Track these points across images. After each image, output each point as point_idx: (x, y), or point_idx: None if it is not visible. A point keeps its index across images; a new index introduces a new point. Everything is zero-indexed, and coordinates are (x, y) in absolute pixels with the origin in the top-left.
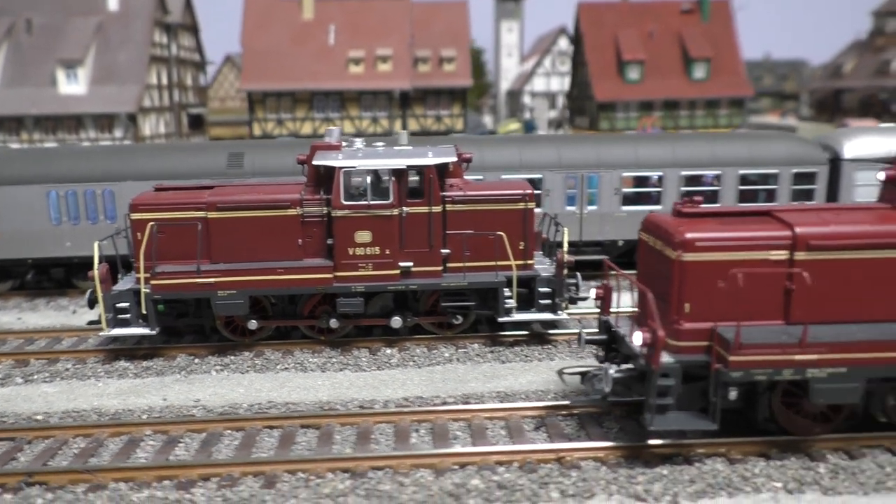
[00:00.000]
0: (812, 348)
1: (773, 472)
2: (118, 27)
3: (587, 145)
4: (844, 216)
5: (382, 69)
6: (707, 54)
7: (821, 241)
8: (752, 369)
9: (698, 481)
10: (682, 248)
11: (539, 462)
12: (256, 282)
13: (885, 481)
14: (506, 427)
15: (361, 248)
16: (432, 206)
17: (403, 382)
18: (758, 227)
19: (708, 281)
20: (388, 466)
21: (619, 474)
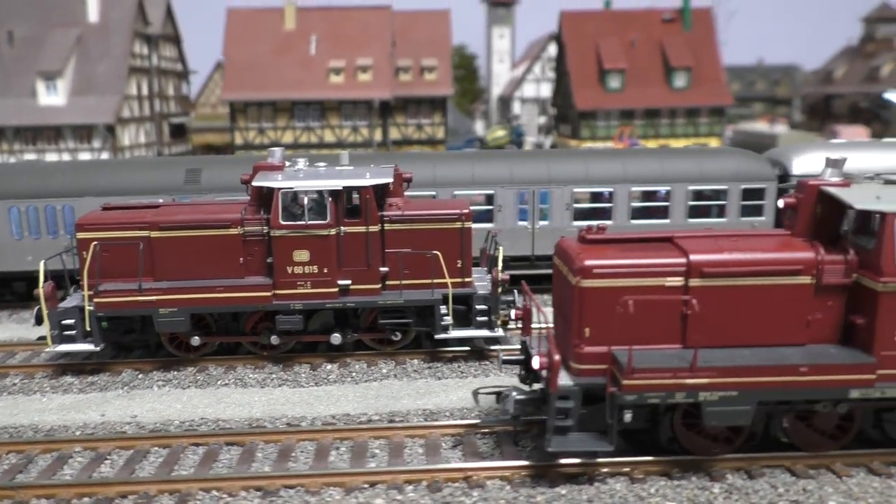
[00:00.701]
0: (702, 372)
1: (669, 491)
2: (98, 39)
3: (538, 161)
4: (742, 243)
5: (363, 79)
6: (688, 63)
7: (713, 268)
8: (645, 392)
9: (595, 501)
10: (581, 274)
11: (447, 481)
12: (197, 300)
13: (777, 501)
14: (424, 445)
15: (300, 266)
16: (369, 225)
17: (338, 399)
18: (656, 253)
19: (606, 306)
20: (300, 485)
21: (519, 494)
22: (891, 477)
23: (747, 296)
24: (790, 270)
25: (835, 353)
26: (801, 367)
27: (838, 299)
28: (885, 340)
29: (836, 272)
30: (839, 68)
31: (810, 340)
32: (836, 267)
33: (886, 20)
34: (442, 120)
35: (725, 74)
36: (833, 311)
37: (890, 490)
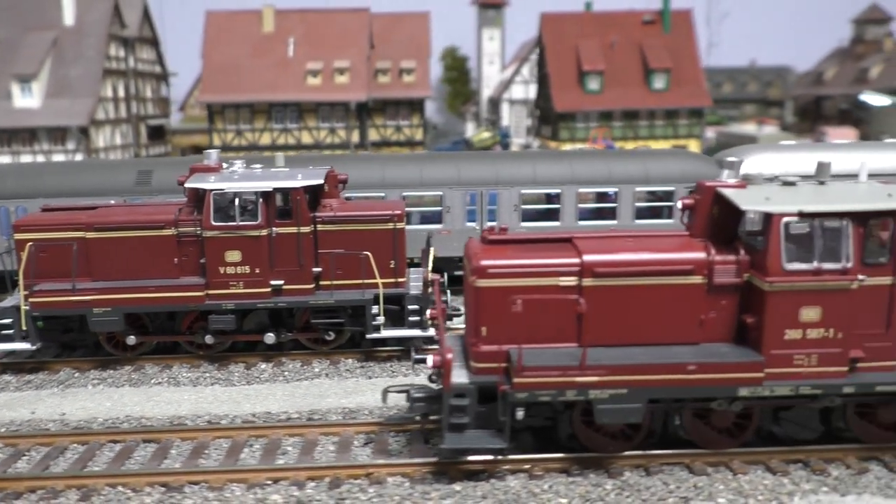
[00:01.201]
0: (592, 370)
1: (562, 488)
2: (73, 42)
3: (487, 163)
4: (639, 244)
5: (340, 81)
6: (667, 65)
7: (605, 268)
8: (536, 390)
9: (489, 497)
10: (477, 274)
11: (349, 478)
12: (130, 299)
13: (667, 498)
14: (337, 443)
15: (232, 267)
16: (301, 226)
17: (266, 397)
18: (551, 254)
19: (502, 305)
20: (204, 481)
21: (415, 490)
22: (786, 475)
23: (641, 295)
24: (681, 270)
25: (725, 352)
26: (689, 365)
27: (731, 299)
28: (773, 339)
29: (726, 272)
30: (829, 70)
31: (705, 339)
32: (727, 267)
33: (876, 22)
34: (420, 121)
35: (717, 76)
36: (726, 310)
37: (781, 487)
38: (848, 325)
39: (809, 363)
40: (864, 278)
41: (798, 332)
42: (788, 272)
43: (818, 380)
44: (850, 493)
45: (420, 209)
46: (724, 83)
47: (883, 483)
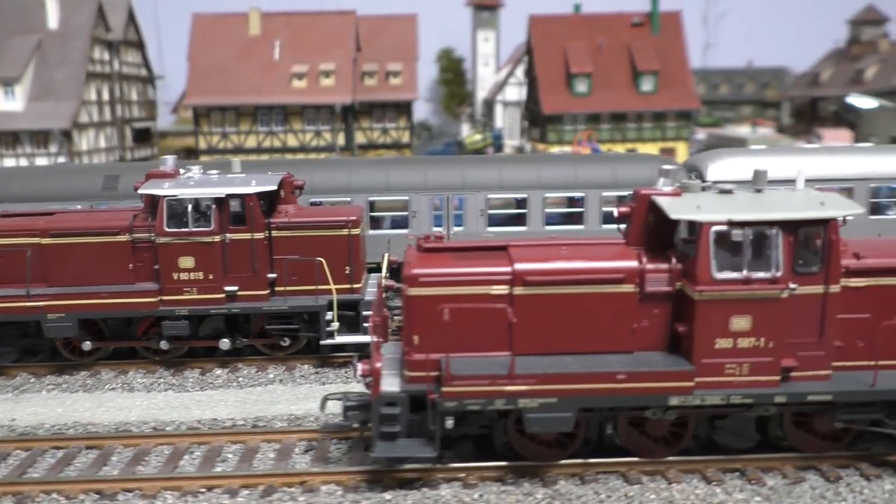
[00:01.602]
0: (521, 379)
1: (493, 497)
2: (57, 45)
3: (454, 167)
4: (573, 252)
5: (325, 84)
6: (654, 67)
7: (535, 276)
8: (464, 399)
9: None
10: (408, 282)
11: (283, 486)
12: (84, 305)
13: None
14: (278, 450)
15: (185, 273)
16: (254, 232)
17: (217, 404)
18: (484, 262)
19: (433, 314)
20: (138, 488)
21: (346, 499)
22: (721, 483)
23: (572, 303)
24: (612, 279)
25: (657, 361)
26: (619, 374)
27: (664, 308)
28: (703, 348)
29: (658, 281)
30: (826, 71)
31: (638, 348)
32: (658, 276)
33: (871, 22)
34: (407, 124)
35: (714, 77)
36: (659, 319)
37: (712, 497)
38: (779, 334)
39: (741, 372)
40: (795, 287)
41: (729, 341)
42: (718, 281)
43: (749, 389)
44: (783, 503)
45: (387, 213)
46: (721, 84)
47: (818, 493)
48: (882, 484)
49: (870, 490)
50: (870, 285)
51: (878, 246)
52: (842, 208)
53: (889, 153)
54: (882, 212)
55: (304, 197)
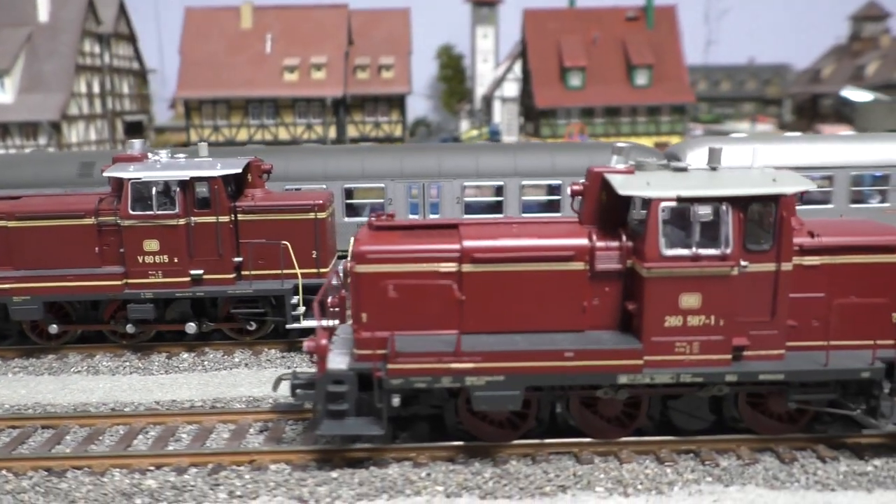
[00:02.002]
0: (467, 357)
1: (441, 476)
2: (47, 38)
3: (429, 155)
4: (524, 230)
5: (316, 77)
6: (649, 61)
7: (483, 254)
8: (410, 377)
9: (366, 484)
10: (356, 259)
11: (232, 464)
12: (49, 288)
13: (544, 486)
14: (232, 430)
15: (150, 256)
16: (219, 215)
17: (180, 386)
18: (433, 240)
19: (381, 291)
20: (88, 466)
21: (292, 477)
22: (674, 464)
23: (522, 281)
24: (562, 256)
25: (606, 339)
26: (567, 352)
27: (615, 286)
28: (653, 326)
29: (608, 258)
30: (827, 67)
31: (590, 326)
32: (609, 253)
33: (873, 18)
34: (400, 118)
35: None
36: (610, 297)
37: (662, 477)
38: (730, 312)
39: (691, 351)
40: (746, 265)
41: (678, 318)
42: (666, 258)
43: (700, 368)
44: (734, 483)
45: (364, 201)
46: (722, 81)
47: (770, 474)
48: (837, 466)
49: (824, 472)
50: (825, 264)
51: (836, 225)
52: (793, 185)
53: (871, 141)
54: (865, 200)
55: (280, 184)
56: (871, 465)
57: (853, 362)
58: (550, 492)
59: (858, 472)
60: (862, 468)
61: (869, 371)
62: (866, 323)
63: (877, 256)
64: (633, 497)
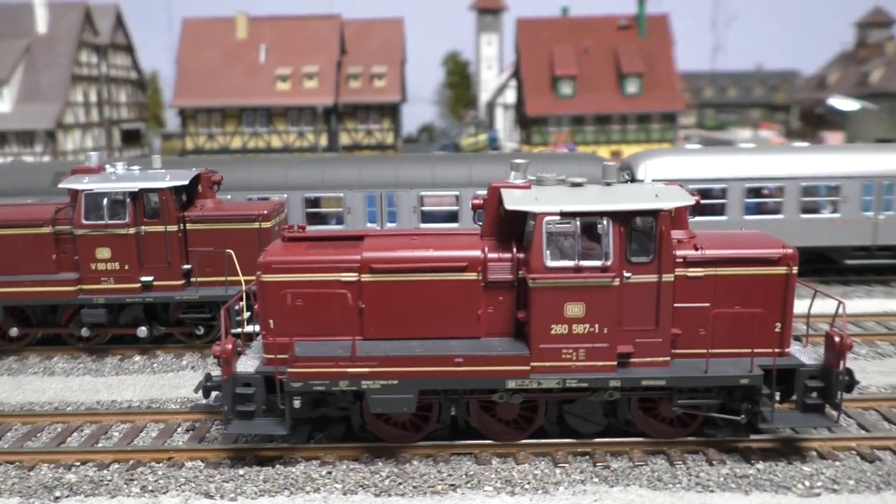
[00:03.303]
0: (363, 361)
1: (341, 474)
2: (45, 49)
3: (387, 165)
4: (424, 241)
5: (308, 86)
6: (639, 70)
7: (381, 264)
8: (310, 380)
9: (270, 481)
10: (262, 269)
11: (153, 461)
12: (9, 293)
13: (437, 485)
14: (161, 429)
15: (103, 263)
16: (168, 225)
17: (127, 387)
18: (337, 251)
19: (286, 299)
20: (18, 461)
21: (202, 473)
22: (567, 465)
23: (419, 290)
24: (455, 267)
25: (498, 346)
26: (457, 358)
27: (507, 295)
28: (540, 334)
29: (500, 270)
30: (833, 74)
31: (486, 334)
32: (501, 265)
33: (878, 25)
34: (392, 125)
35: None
36: (503, 306)
37: (550, 477)
38: (614, 321)
39: (577, 357)
40: (629, 276)
41: (564, 327)
42: (551, 269)
43: (585, 374)
44: (618, 484)
45: (325, 210)
46: (729, 88)
47: (655, 476)
48: (721, 468)
49: (706, 474)
50: (709, 275)
51: (725, 238)
52: (673, 201)
53: (822, 152)
54: (816, 211)
55: (242, 193)
56: (754, 467)
57: (733, 369)
58: (442, 490)
59: (740, 475)
60: (745, 471)
61: (748, 378)
62: (750, 332)
63: (758, 269)
64: (519, 496)
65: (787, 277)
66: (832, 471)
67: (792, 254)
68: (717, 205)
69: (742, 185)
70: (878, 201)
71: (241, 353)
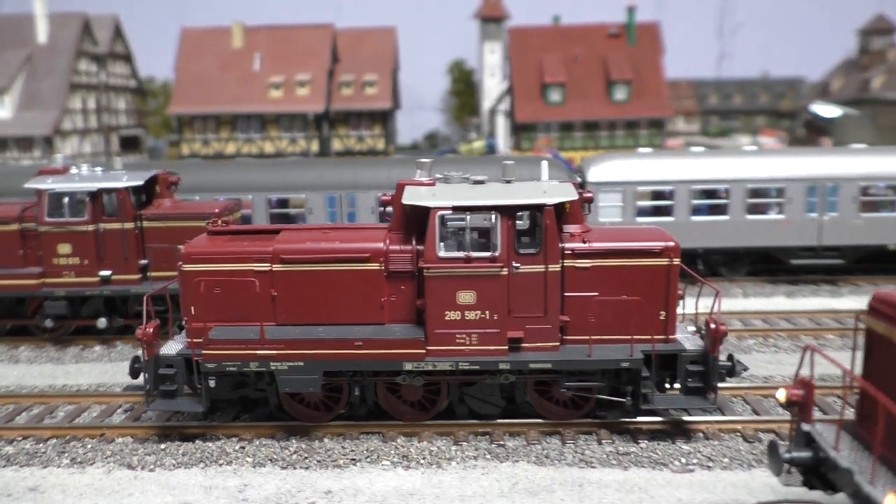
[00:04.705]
0: (271, 344)
1: (253, 448)
2: (45, 58)
3: (347, 168)
4: (335, 234)
5: (300, 93)
6: (628, 76)
7: (290, 255)
8: (223, 361)
9: (188, 455)
10: (183, 259)
11: (87, 437)
12: None
13: (338, 460)
14: (103, 410)
15: (64, 258)
16: (125, 222)
17: (83, 374)
18: (253, 243)
19: (205, 287)
20: None
21: (127, 448)
22: (464, 443)
23: (328, 279)
24: (359, 258)
25: (397, 331)
26: (357, 341)
27: (409, 285)
28: (435, 320)
29: (401, 260)
30: (836, 81)
31: (390, 320)
32: (402, 256)
33: (881, 32)
34: (382, 132)
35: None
36: (406, 294)
37: (446, 453)
38: (503, 308)
39: (470, 342)
40: (518, 266)
41: (457, 313)
42: (443, 259)
43: (477, 357)
44: (508, 460)
45: (287, 210)
46: (735, 95)
47: (544, 454)
48: (606, 447)
49: (591, 451)
50: (595, 266)
51: (616, 232)
52: (558, 196)
53: (769, 156)
54: (763, 212)
55: (211, 194)
56: (638, 446)
57: (616, 354)
58: (343, 464)
59: (622, 453)
60: (628, 449)
61: (628, 362)
62: (635, 320)
63: (641, 260)
64: (413, 469)
65: (669, 268)
66: (710, 450)
67: (673, 246)
68: (667, 206)
69: (688, 187)
70: (822, 203)
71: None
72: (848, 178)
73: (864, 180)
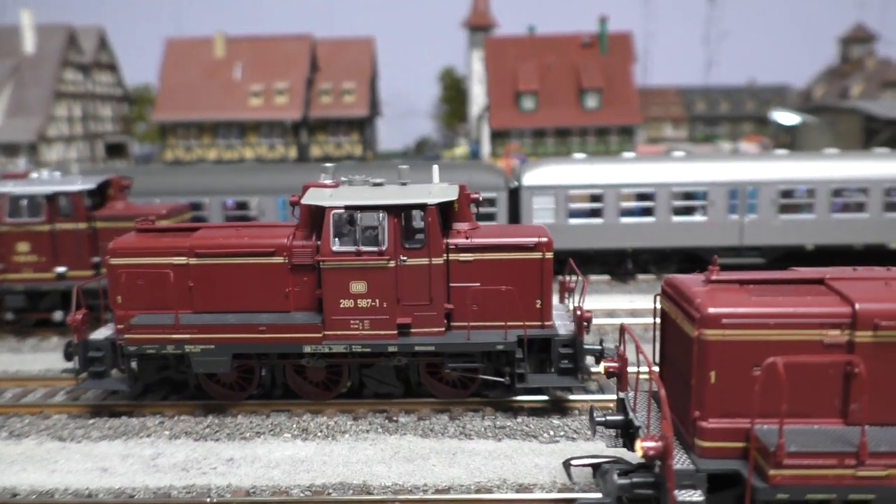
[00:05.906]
0: (185, 329)
1: (170, 422)
2: (32, 68)
3: (297, 173)
4: (245, 232)
5: (279, 101)
6: (599, 85)
7: (203, 249)
8: (143, 345)
9: (113, 429)
10: (109, 253)
11: (28, 413)
12: None
13: (245, 433)
14: (46, 392)
15: (23, 256)
16: (79, 223)
17: (36, 362)
18: (174, 239)
19: (129, 279)
20: None
21: (59, 422)
22: (361, 419)
23: (238, 272)
24: (265, 252)
25: (299, 318)
26: (261, 326)
27: (311, 277)
28: (331, 307)
29: (303, 255)
30: (819, 88)
31: (294, 309)
32: (303, 250)
33: (860, 41)
34: (359, 139)
35: (714, 95)
36: (308, 285)
37: (341, 426)
38: (392, 296)
39: (363, 327)
40: (405, 259)
41: (350, 301)
42: (336, 253)
43: (368, 340)
44: (396, 433)
45: (239, 212)
46: (721, 102)
47: (430, 428)
48: (485, 422)
49: (471, 424)
50: (476, 259)
51: (497, 230)
52: (441, 197)
53: (694, 162)
54: (689, 214)
55: (172, 197)
56: (515, 421)
57: (494, 338)
58: (249, 437)
59: (499, 426)
60: (505, 423)
61: (503, 344)
62: (514, 308)
63: (517, 254)
64: (310, 441)
65: (542, 262)
66: (577, 423)
67: (546, 242)
68: (597, 209)
69: (617, 191)
70: (742, 205)
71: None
72: (767, 183)
73: (783, 184)
